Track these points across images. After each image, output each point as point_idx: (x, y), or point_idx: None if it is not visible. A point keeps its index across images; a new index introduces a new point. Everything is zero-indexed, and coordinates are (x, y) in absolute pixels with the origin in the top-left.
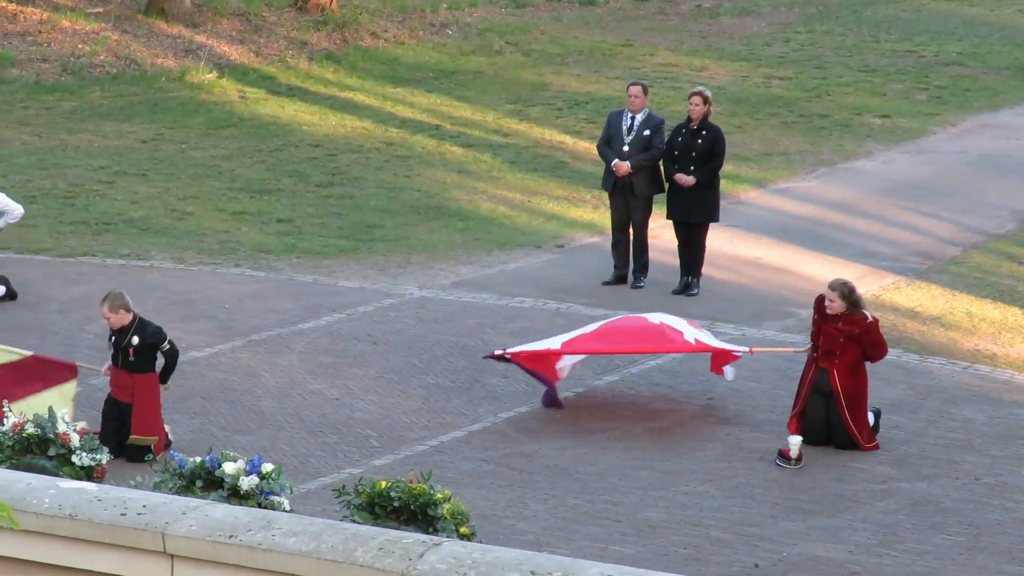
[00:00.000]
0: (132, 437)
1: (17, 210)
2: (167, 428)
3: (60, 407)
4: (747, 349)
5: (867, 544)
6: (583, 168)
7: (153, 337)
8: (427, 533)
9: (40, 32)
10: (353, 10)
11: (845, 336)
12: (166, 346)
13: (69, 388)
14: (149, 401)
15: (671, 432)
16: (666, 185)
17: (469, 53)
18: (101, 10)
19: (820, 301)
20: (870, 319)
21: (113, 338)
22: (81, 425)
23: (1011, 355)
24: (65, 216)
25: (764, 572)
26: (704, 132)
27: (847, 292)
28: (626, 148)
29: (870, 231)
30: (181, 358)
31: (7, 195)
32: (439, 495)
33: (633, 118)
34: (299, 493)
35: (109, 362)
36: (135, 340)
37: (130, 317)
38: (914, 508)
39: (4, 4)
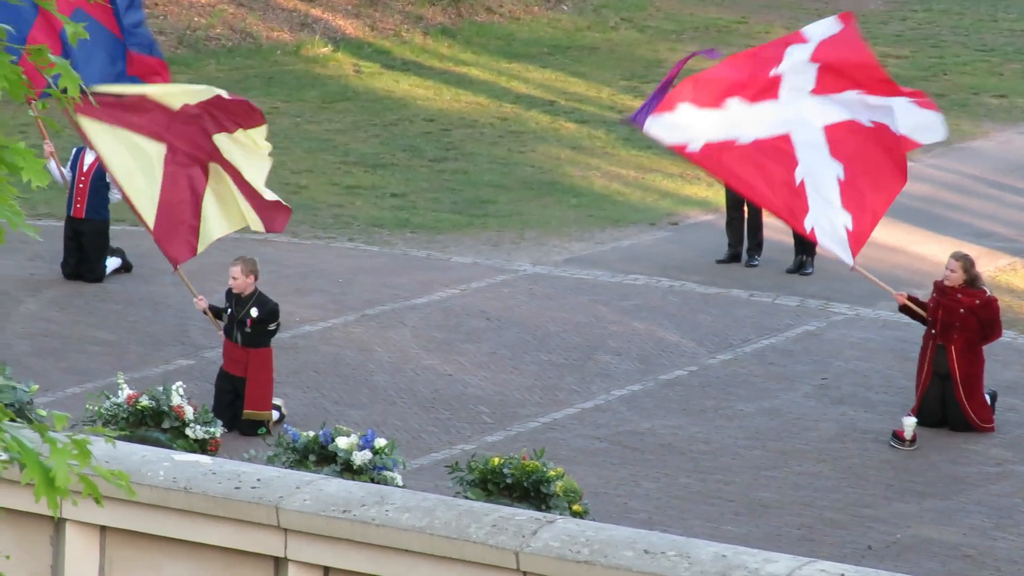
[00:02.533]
0: (246, 412)
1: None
2: (280, 402)
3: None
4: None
5: (981, 527)
6: None
7: (270, 314)
8: (540, 510)
9: (157, 4)
10: None
11: (965, 308)
12: (274, 326)
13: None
14: (262, 376)
15: (784, 411)
16: None
17: (584, 29)
18: None
19: (937, 282)
20: (988, 295)
21: (229, 309)
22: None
23: None
24: None
25: (877, 554)
26: None
27: (968, 265)
28: None
29: (985, 211)
30: (294, 332)
31: None
32: (552, 472)
33: None
34: (411, 468)
35: (221, 323)
36: (253, 312)
37: (253, 287)
38: None
39: None
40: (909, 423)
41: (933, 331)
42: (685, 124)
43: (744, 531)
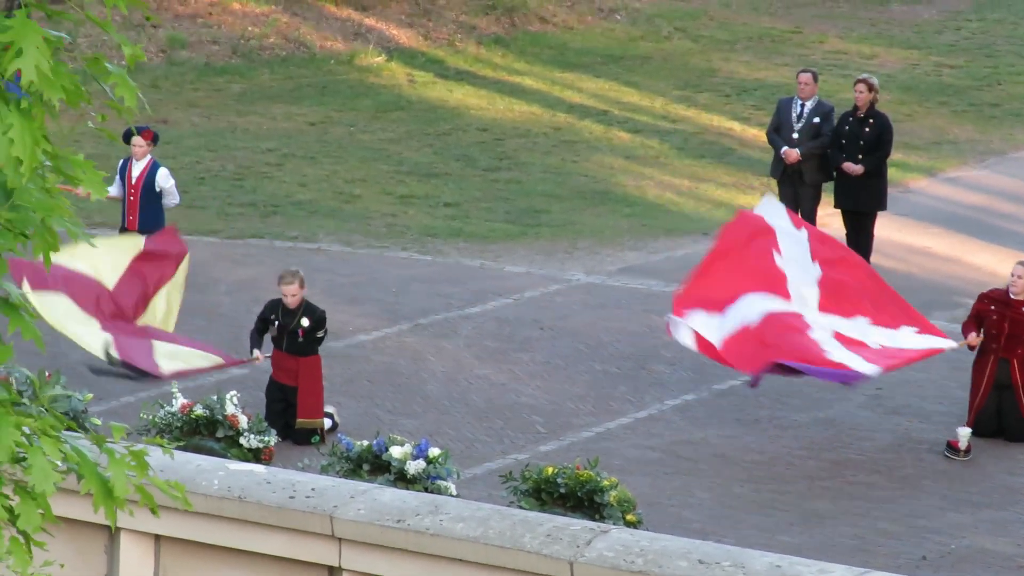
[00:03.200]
0: (300, 420)
1: (175, 198)
2: (333, 410)
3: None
4: (879, 370)
5: None
6: (751, 155)
7: (319, 322)
8: (593, 520)
9: (211, 14)
10: None
11: None
12: (322, 334)
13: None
14: (314, 384)
15: (838, 422)
16: (834, 173)
17: (637, 38)
18: None
19: (990, 294)
20: None
21: (277, 321)
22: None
23: None
24: (234, 198)
25: (932, 564)
26: (871, 120)
27: None
28: (795, 135)
29: None
30: (348, 341)
31: (174, 179)
32: (606, 482)
33: (803, 105)
34: (465, 478)
35: (258, 351)
36: (304, 322)
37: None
38: None
39: None
40: (964, 433)
41: (994, 344)
42: (701, 324)
43: (798, 541)
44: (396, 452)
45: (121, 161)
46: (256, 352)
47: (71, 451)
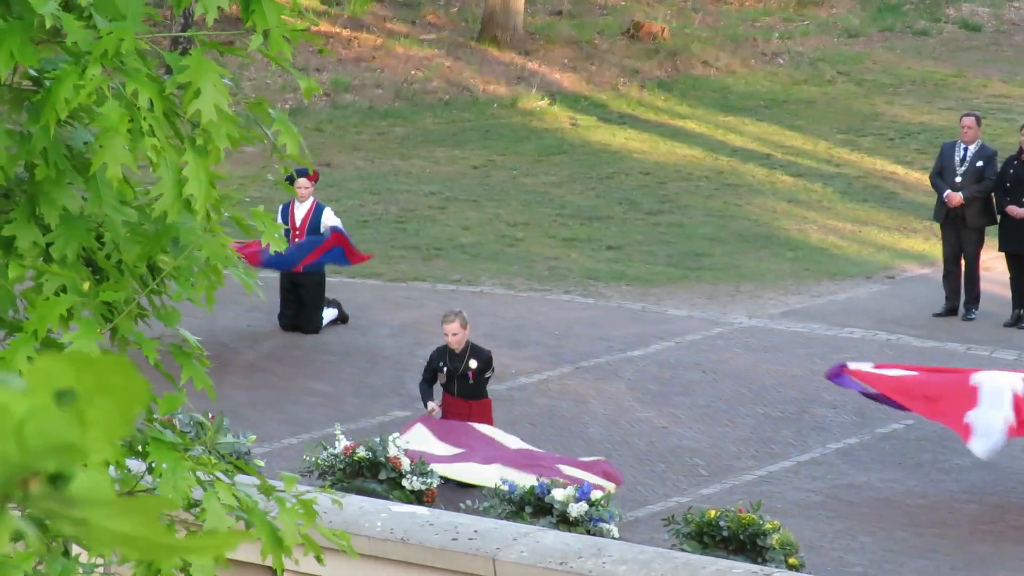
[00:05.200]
0: None
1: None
2: None
3: None
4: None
5: None
6: (914, 199)
7: (486, 362)
8: (756, 563)
9: (374, 58)
10: (685, 39)
11: None
12: (489, 374)
13: None
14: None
15: (1002, 465)
16: (998, 217)
17: (800, 82)
18: (434, 36)
19: None
20: None
21: (445, 367)
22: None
23: None
24: (396, 241)
25: None
26: None
27: None
28: (958, 179)
29: None
30: (510, 384)
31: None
32: (768, 525)
33: (966, 149)
34: (627, 521)
35: (432, 403)
36: (472, 363)
37: (466, 339)
38: None
39: (340, 30)
40: None
41: None
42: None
43: None
44: (559, 495)
45: (282, 206)
46: (431, 404)
47: (245, 498)
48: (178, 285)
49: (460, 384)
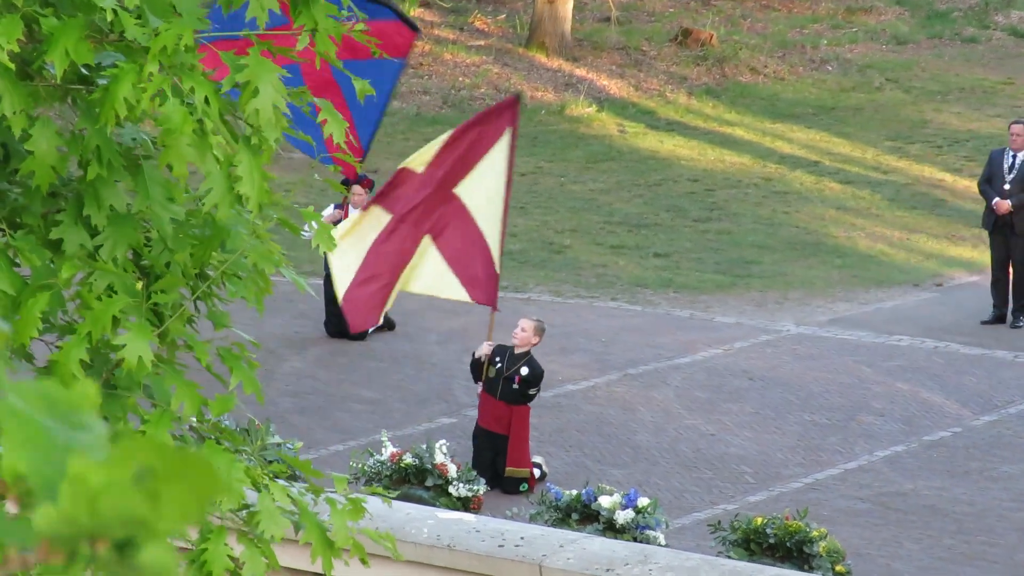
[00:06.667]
0: (509, 469)
1: None
2: (541, 460)
3: None
4: None
5: None
6: (963, 206)
7: (536, 378)
8: (803, 571)
9: (422, 64)
10: (733, 45)
11: None
12: (534, 391)
13: None
14: (523, 434)
15: None
16: None
17: (849, 89)
18: (482, 43)
19: None
20: None
21: (500, 364)
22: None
23: None
24: None
25: None
26: None
27: None
28: (1007, 186)
29: None
30: (557, 391)
31: None
32: (815, 532)
33: (1014, 156)
34: (674, 528)
35: (487, 345)
36: (523, 371)
37: (530, 348)
38: None
39: None
40: None
41: None
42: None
43: None
44: (605, 502)
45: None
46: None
47: (297, 497)
48: (231, 285)
49: (504, 387)
